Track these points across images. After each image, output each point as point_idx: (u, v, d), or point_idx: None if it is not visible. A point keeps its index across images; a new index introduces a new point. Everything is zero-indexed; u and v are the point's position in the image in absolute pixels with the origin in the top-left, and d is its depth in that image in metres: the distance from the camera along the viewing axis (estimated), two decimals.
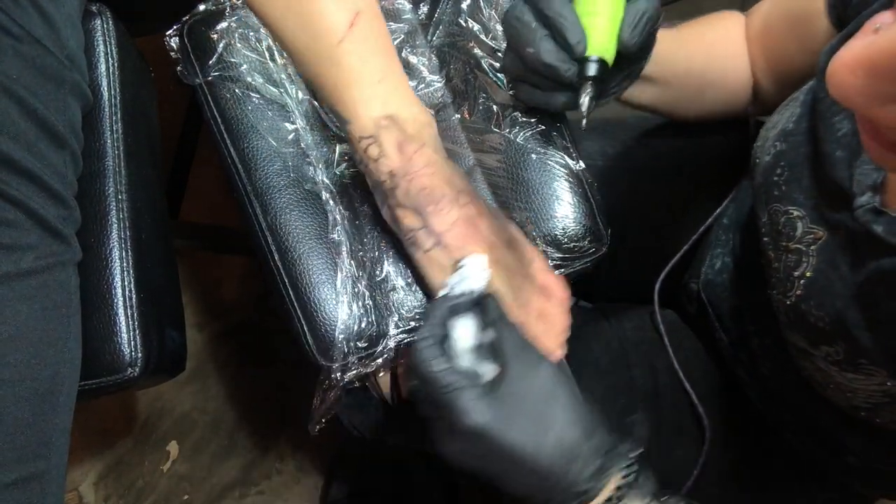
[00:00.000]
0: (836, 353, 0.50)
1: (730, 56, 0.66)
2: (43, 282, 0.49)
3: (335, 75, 0.50)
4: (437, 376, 0.44)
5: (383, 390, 0.66)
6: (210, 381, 1.18)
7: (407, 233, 0.52)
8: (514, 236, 0.55)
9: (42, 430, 0.48)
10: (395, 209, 0.52)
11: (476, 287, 0.49)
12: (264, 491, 1.14)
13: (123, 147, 0.61)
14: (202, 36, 0.60)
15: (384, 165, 0.51)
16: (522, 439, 0.44)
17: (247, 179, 0.59)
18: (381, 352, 0.57)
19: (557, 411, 0.45)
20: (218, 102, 0.60)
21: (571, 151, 0.62)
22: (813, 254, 0.50)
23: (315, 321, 0.56)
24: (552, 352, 0.51)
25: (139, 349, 0.58)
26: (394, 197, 0.51)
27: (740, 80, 0.67)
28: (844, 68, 0.24)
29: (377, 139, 0.50)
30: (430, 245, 0.51)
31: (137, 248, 0.60)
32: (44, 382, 0.49)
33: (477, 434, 0.43)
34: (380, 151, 0.51)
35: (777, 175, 0.54)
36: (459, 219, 0.51)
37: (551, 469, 0.44)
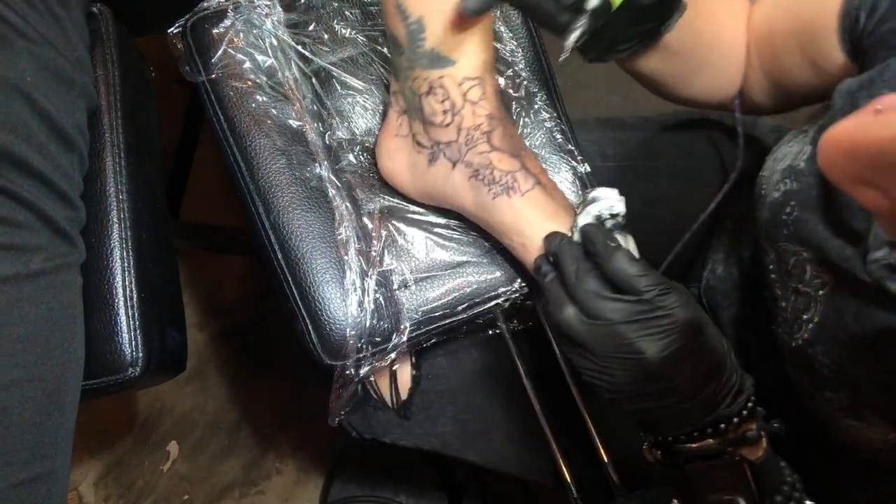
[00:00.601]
0: (840, 399, 0.49)
1: (734, 41, 0.64)
2: (51, 283, 0.50)
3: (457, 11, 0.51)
4: (649, 278, 0.45)
5: (382, 391, 0.66)
6: (210, 381, 1.18)
7: (502, 177, 0.52)
8: None
9: (49, 430, 0.48)
10: (487, 154, 0.52)
11: (620, 209, 0.49)
12: (264, 491, 1.14)
13: (124, 147, 0.61)
14: (205, 33, 0.60)
15: (483, 108, 0.52)
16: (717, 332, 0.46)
17: (249, 178, 0.59)
18: (394, 346, 0.57)
19: (709, 328, 0.47)
20: (220, 100, 0.60)
21: (575, 153, 0.62)
22: (820, 299, 0.49)
23: (320, 320, 0.56)
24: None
25: (140, 349, 0.58)
26: (489, 140, 0.52)
27: (737, 69, 0.65)
28: (835, 147, 0.23)
29: (482, 82, 0.52)
30: (531, 185, 0.52)
31: (138, 248, 0.60)
32: (51, 383, 0.49)
33: (692, 329, 0.45)
34: (482, 94, 0.52)
35: (786, 214, 0.52)
36: (543, 168, 0.54)
37: (724, 362, 0.46)
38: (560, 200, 0.53)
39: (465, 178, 0.53)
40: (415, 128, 0.55)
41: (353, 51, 0.63)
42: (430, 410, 0.67)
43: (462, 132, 0.52)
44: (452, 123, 0.52)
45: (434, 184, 0.56)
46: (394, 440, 0.69)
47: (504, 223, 0.53)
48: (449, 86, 0.51)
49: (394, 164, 0.59)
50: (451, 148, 0.53)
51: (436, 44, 0.51)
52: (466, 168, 0.53)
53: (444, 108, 0.52)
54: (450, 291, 0.59)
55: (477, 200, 0.54)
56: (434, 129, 0.53)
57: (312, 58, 0.62)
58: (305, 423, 1.16)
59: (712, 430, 0.47)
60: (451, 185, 0.55)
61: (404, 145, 0.57)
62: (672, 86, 0.66)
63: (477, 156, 0.52)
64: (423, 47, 0.51)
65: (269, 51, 0.60)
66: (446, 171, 0.54)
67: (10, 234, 0.47)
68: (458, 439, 0.68)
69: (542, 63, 0.64)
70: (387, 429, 0.68)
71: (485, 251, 0.59)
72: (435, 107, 0.52)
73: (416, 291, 0.58)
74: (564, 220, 0.52)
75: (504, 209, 0.52)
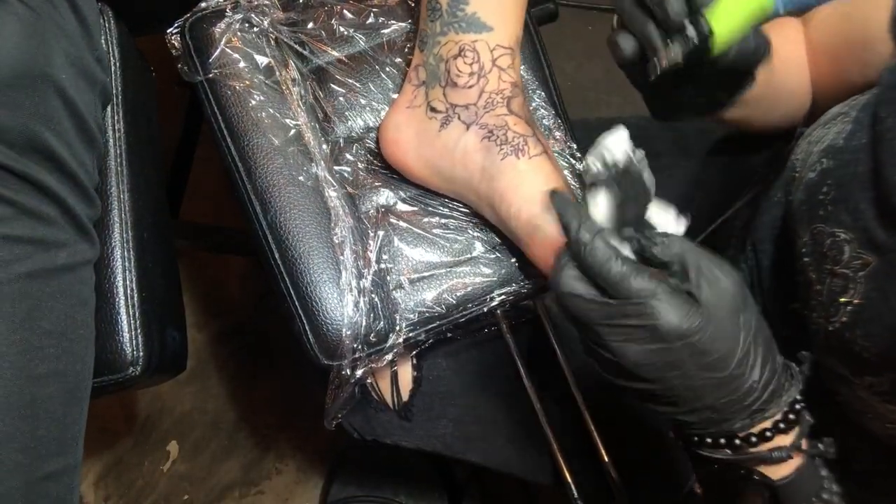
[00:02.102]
0: (881, 384, 0.48)
1: (798, 69, 0.64)
2: (73, 279, 0.50)
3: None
4: (630, 283, 0.40)
5: (384, 393, 0.66)
6: (210, 381, 1.18)
7: (514, 139, 0.54)
8: None
9: (69, 425, 0.49)
10: (505, 117, 0.55)
11: (621, 158, 0.46)
12: (264, 491, 1.14)
13: (125, 146, 0.61)
14: (204, 33, 0.60)
15: (509, 77, 0.55)
16: (723, 345, 0.41)
17: (247, 178, 0.59)
18: (390, 347, 0.57)
19: (750, 317, 0.42)
20: (219, 100, 0.60)
21: (575, 150, 0.62)
22: (861, 280, 0.48)
23: (317, 320, 0.56)
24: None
25: (140, 348, 0.58)
26: (508, 105, 0.55)
27: (806, 92, 0.65)
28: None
29: (512, 53, 0.55)
30: (539, 151, 0.54)
31: (139, 248, 0.60)
32: (73, 378, 0.50)
33: (680, 339, 0.40)
34: (510, 63, 0.55)
35: (823, 194, 0.51)
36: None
37: (738, 377, 0.42)
38: (560, 173, 0.55)
39: (479, 139, 0.55)
40: (431, 95, 0.57)
41: (351, 49, 0.63)
42: (432, 412, 0.67)
43: (483, 95, 0.55)
44: (476, 86, 0.55)
45: (443, 149, 0.57)
46: (395, 441, 0.69)
47: (505, 186, 0.54)
48: (481, 49, 0.54)
49: (400, 135, 0.59)
50: (469, 111, 0.55)
51: (477, 9, 0.53)
52: (481, 129, 0.55)
53: (472, 70, 0.54)
54: (446, 292, 0.59)
55: (485, 163, 0.55)
56: (455, 92, 0.56)
57: (310, 57, 0.62)
58: (305, 423, 1.16)
59: (726, 441, 0.45)
60: (462, 148, 0.56)
61: (415, 115, 0.58)
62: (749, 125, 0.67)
63: (494, 118, 0.55)
64: (464, 11, 0.54)
65: (266, 50, 0.60)
66: (459, 133, 0.56)
67: (40, 229, 0.48)
68: (459, 440, 0.68)
69: (541, 61, 0.64)
70: (388, 430, 0.68)
71: (482, 252, 0.60)
72: (462, 68, 0.55)
73: (413, 292, 0.58)
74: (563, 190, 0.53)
75: (509, 170, 0.54)
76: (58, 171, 0.49)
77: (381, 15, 0.63)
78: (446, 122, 0.56)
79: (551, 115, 0.62)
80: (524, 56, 0.63)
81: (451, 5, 0.54)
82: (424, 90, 0.58)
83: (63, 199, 0.49)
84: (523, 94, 0.56)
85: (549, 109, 0.62)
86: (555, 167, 0.55)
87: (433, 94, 0.57)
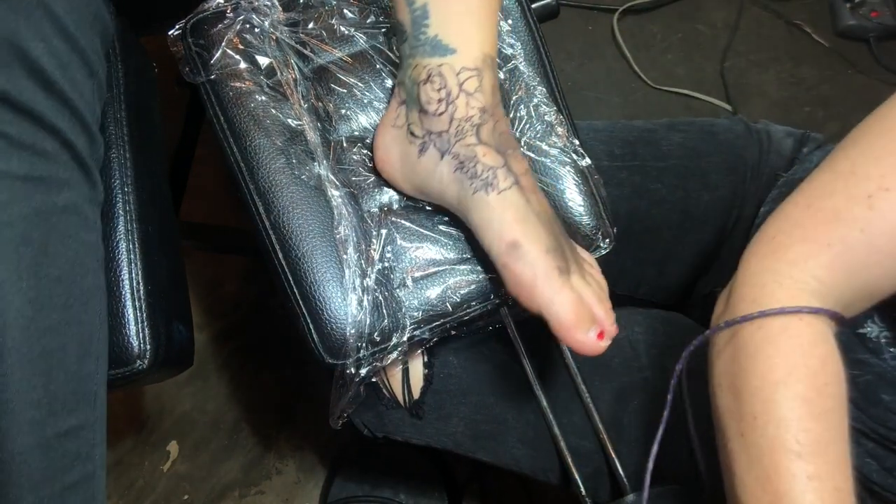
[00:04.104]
0: None
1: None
2: (77, 222, 0.47)
3: (468, 2, 0.51)
4: None
5: (395, 390, 0.66)
6: (210, 381, 1.18)
7: (483, 172, 0.52)
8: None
9: (87, 378, 0.47)
10: (474, 147, 0.52)
11: None
12: (264, 491, 1.14)
13: (129, 140, 0.61)
14: (204, 35, 0.60)
15: (477, 101, 0.52)
16: None
17: (249, 178, 0.59)
18: (394, 346, 0.57)
19: None
20: (221, 101, 0.60)
21: (577, 147, 0.62)
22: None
23: (321, 320, 0.56)
24: (608, 308, 0.53)
25: (147, 341, 0.57)
26: (478, 134, 0.52)
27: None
28: None
29: (481, 74, 0.52)
30: (509, 184, 0.52)
31: (144, 241, 0.60)
32: (86, 328, 0.47)
33: None
34: (478, 86, 0.52)
35: None
36: (527, 169, 0.54)
37: None
38: (535, 205, 0.53)
39: (451, 170, 0.54)
40: (411, 117, 0.56)
41: (352, 49, 0.63)
42: (443, 410, 0.67)
43: (454, 122, 0.53)
44: (446, 113, 0.53)
45: (423, 176, 0.56)
46: (406, 438, 0.69)
47: (478, 222, 0.53)
48: (447, 74, 0.52)
49: (388, 155, 0.59)
50: (442, 138, 0.54)
51: (438, 31, 0.51)
52: (453, 160, 0.53)
53: (440, 96, 0.52)
54: (450, 289, 0.59)
55: (460, 195, 0.54)
56: (428, 119, 0.54)
57: (312, 57, 0.62)
58: (305, 423, 1.16)
59: None
60: (438, 178, 0.55)
61: (399, 136, 0.57)
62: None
63: (464, 147, 0.53)
64: (426, 34, 0.52)
65: (268, 51, 0.60)
66: (434, 162, 0.55)
67: (38, 165, 0.44)
68: (469, 439, 0.68)
69: (542, 57, 0.64)
70: (399, 427, 0.68)
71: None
72: (431, 94, 0.53)
73: (416, 290, 0.58)
74: (532, 227, 0.51)
75: (480, 206, 0.53)
76: (55, 98, 0.45)
77: (381, 14, 0.63)
78: (423, 148, 0.55)
79: (553, 112, 0.62)
80: (524, 51, 0.63)
81: (414, 28, 0.52)
82: (405, 110, 0.57)
83: (60, 130, 0.45)
84: (497, 117, 0.53)
85: (551, 105, 0.62)
86: (525, 196, 0.52)
87: (412, 117, 0.56)
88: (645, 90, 1.41)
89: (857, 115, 0.50)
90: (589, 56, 1.43)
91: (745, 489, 0.46)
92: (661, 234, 0.76)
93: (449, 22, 0.51)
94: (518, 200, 0.52)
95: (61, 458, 0.45)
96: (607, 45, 1.45)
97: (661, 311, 0.74)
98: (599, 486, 0.67)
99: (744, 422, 0.46)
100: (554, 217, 0.54)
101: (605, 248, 0.61)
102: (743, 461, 0.46)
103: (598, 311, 0.52)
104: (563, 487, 0.69)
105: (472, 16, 0.51)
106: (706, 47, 1.45)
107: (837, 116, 1.37)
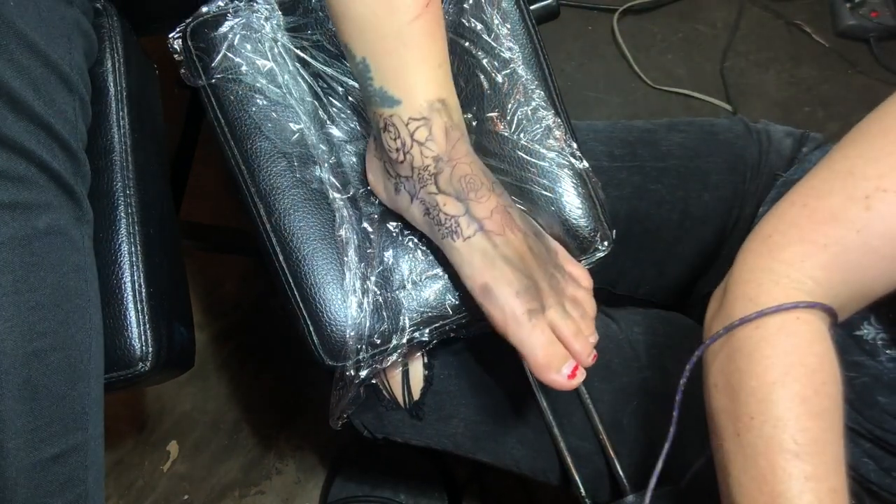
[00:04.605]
0: None
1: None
2: (61, 244, 0.46)
3: (400, 54, 0.50)
4: None
5: (395, 391, 0.66)
6: (210, 381, 1.18)
7: (446, 221, 0.52)
8: (537, 228, 0.57)
9: (77, 400, 0.47)
10: (434, 196, 0.52)
11: None
12: (264, 491, 1.14)
13: (130, 142, 0.61)
14: (205, 38, 0.60)
15: (430, 150, 0.51)
16: None
17: (250, 181, 0.59)
18: (394, 348, 0.57)
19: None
20: (222, 104, 0.60)
21: (575, 150, 0.62)
22: None
23: (321, 321, 0.56)
24: (586, 341, 0.53)
25: (150, 344, 0.58)
26: (435, 183, 0.52)
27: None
28: None
29: (428, 122, 0.51)
30: (472, 232, 0.52)
31: (146, 243, 0.60)
32: (74, 351, 0.47)
33: None
34: (428, 135, 0.51)
35: None
36: (497, 206, 0.52)
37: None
38: (502, 248, 0.52)
39: (421, 214, 0.54)
40: (383, 156, 0.56)
41: None
42: (443, 411, 0.67)
43: (414, 170, 0.53)
44: (405, 161, 0.53)
45: (402, 210, 0.57)
46: (406, 439, 0.69)
47: (452, 261, 0.54)
48: (398, 124, 0.51)
49: (375, 182, 0.60)
50: (409, 182, 0.54)
51: (382, 83, 0.51)
52: (421, 205, 0.54)
53: (397, 145, 0.52)
54: (449, 292, 0.59)
55: (432, 237, 0.55)
56: (393, 164, 0.54)
57: (312, 61, 0.62)
58: (305, 423, 1.16)
59: None
60: (412, 217, 0.56)
61: (380, 167, 0.58)
62: None
63: (427, 195, 0.53)
64: (373, 86, 0.51)
65: (268, 54, 0.60)
66: (407, 203, 0.55)
67: (12, 191, 0.42)
68: (469, 440, 0.68)
69: (540, 61, 0.64)
70: (399, 428, 0.68)
71: None
72: (390, 143, 0.53)
73: (416, 292, 0.58)
74: (500, 272, 0.51)
75: (450, 250, 0.53)
76: (25, 118, 0.43)
77: None
78: (397, 188, 0.55)
79: (551, 115, 0.62)
80: (522, 55, 0.63)
81: (361, 81, 0.52)
82: (379, 145, 0.57)
83: (35, 153, 0.44)
84: (454, 162, 0.52)
85: (549, 109, 0.62)
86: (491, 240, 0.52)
87: (384, 156, 0.56)
88: (645, 90, 1.41)
89: (857, 115, 0.50)
90: (589, 56, 1.43)
91: (741, 489, 0.45)
92: (660, 235, 0.76)
93: (387, 73, 0.50)
94: (484, 246, 0.52)
95: (49, 485, 0.45)
96: (607, 45, 1.45)
97: (661, 311, 0.74)
98: (599, 487, 0.67)
99: (740, 422, 0.46)
100: (528, 251, 0.53)
101: (603, 251, 0.61)
102: (739, 461, 0.46)
103: (575, 345, 0.52)
104: (563, 488, 0.69)
105: (409, 65, 0.50)
106: (706, 47, 1.45)
107: (837, 116, 1.37)
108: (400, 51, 0.50)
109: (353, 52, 0.51)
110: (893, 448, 0.58)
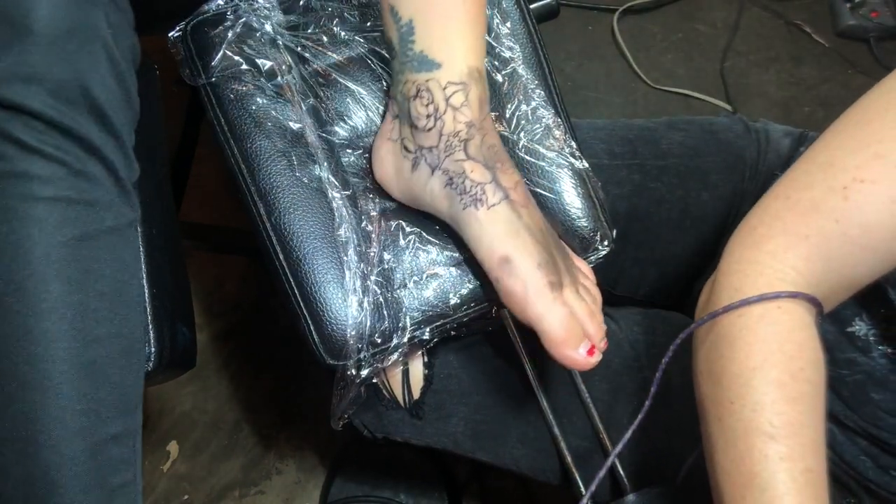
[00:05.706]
0: None
1: None
2: (119, 241, 0.50)
3: (449, 17, 0.51)
4: None
5: (395, 391, 0.66)
6: (210, 381, 1.18)
7: (472, 188, 0.52)
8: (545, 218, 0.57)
9: (128, 387, 0.50)
10: (462, 163, 0.52)
11: None
12: (264, 491, 1.14)
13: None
14: (205, 37, 0.60)
15: (464, 116, 0.52)
16: None
17: (250, 180, 0.59)
18: (395, 347, 0.57)
19: None
20: (221, 103, 0.60)
21: (575, 150, 0.62)
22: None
23: (322, 321, 0.56)
24: (600, 324, 0.54)
25: (153, 344, 0.58)
26: (464, 150, 0.52)
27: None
28: None
29: (467, 88, 0.52)
30: (498, 199, 0.52)
31: (148, 244, 0.60)
32: (128, 340, 0.50)
33: None
34: (464, 101, 0.52)
35: None
36: (520, 180, 0.54)
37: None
38: (526, 219, 0.53)
39: (442, 185, 0.54)
40: (403, 132, 0.56)
41: (351, 52, 0.63)
42: (443, 410, 0.67)
43: (443, 138, 0.53)
44: (434, 128, 0.53)
45: (416, 191, 0.57)
46: (406, 439, 0.69)
47: (469, 237, 0.54)
48: (434, 89, 0.52)
49: (383, 167, 0.60)
50: (432, 154, 0.54)
51: (424, 46, 0.52)
52: (443, 175, 0.54)
53: (428, 111, 0.53)
54: (450, 290, 0.59)
55: (451, 211, 0.55)
56: (418, 134, 0.54)
57: (312, 60, 0.62)
58: (305, 423, 1.16)
59: None
60: (430, 193, 0.56)
61: (393, 149, 0.58)
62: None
63: (453, 163, 0.53)
64: (413, 50, 0.52)
65: (268, 53, 0.60)
66: (426, 177, 0.55)
67: (88, 189, 0.47)
68: (469, 439, 0.68)
69: (540, 60, 0.64)
70: (399, 428, 0.68)
71: None
72: (420, 110, 0.53)
73: (417, 291, 0.58)
74: (523, 241, 0.52)
75: (471, 221, 0.53)
76: (105, 130, 0.48)
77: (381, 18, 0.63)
78: (416, 164, 0.56)
79: (551, 115, 0.62)
80: (523, 54, 0.63)
81: (401, 45, 0.53)
82: (399, 124, 0.57)
83: (108, 159, 0.48)
84: (485, 130, 0.54)
85: (549, 109, 0.62)
86: (516, 210, 0.52)
87: (404, 132, 0.56)
88: (645, 90, 1.41)
89: None
90: (589, 56, 1.44)
91: (721, 471, 0.47)
92: (660, 233, 0.76)
93: (433, 37, 0.51)
94: (508, 215, 0.52)
95: (108, 462, 0.47)
96: (607, 45, 1.45)
97: (661, 311, 0.74)
98: (599, 487, 0.67)
99: (722, 406, 0.47)
100: (547, 229, 0.54)
101: (603, 251, 0.61)
102: (720, 444, 0.47)
103: (589, 327, 0.53)
104: (563, 487, 0.69)
105: (456, 30, 0.51)
106: (706, 47, 1.45)
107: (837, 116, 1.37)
108: (450, 14, 0.51)
109: (400, 14, 0.52)
110: (889, 446, 0.58)
